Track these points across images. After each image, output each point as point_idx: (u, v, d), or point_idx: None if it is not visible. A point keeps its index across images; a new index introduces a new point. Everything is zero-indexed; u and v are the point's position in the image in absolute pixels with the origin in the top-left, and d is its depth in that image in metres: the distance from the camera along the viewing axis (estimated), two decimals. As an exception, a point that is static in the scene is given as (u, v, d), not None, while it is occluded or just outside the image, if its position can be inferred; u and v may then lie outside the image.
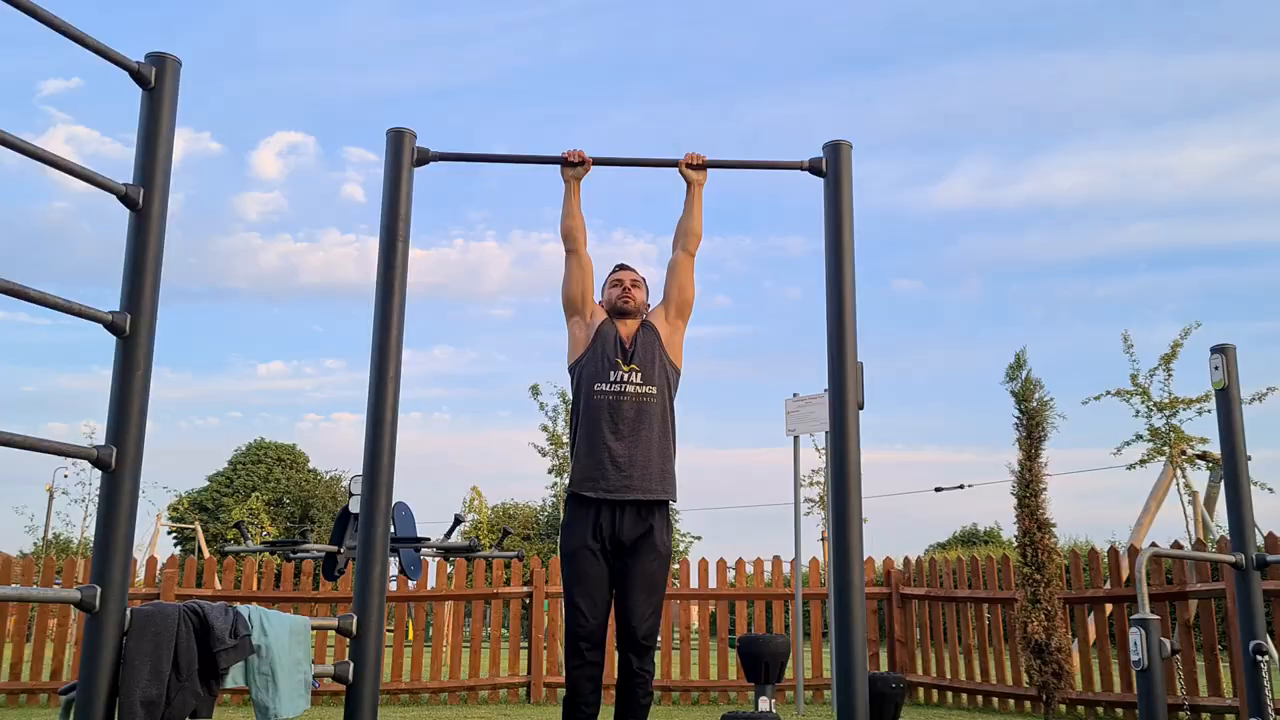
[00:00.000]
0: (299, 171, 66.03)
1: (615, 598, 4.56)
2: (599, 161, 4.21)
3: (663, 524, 4.61)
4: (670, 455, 4.67)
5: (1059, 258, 61.71)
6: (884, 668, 10.06)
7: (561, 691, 9.92)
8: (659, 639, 4.64)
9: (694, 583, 10.34)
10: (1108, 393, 13.07)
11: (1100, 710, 8.17)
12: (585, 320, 4.80)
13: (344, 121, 67.23)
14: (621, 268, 4.99)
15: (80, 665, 2.47)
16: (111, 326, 2.55)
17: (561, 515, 4.76)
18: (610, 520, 4.53)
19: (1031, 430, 8.33)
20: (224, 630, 2.67)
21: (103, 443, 2.53)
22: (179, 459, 64.04)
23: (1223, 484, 4.89)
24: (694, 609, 10.10)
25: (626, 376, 4.62)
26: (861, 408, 3.23)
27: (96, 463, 2.50)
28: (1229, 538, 4.73)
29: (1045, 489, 8.28)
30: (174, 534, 45.48)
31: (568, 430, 4.88)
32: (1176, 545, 8.13)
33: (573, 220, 4.70)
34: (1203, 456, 12.38)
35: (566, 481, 4.76)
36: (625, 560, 4.53)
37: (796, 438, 9.20)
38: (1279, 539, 7.43)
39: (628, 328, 4.78)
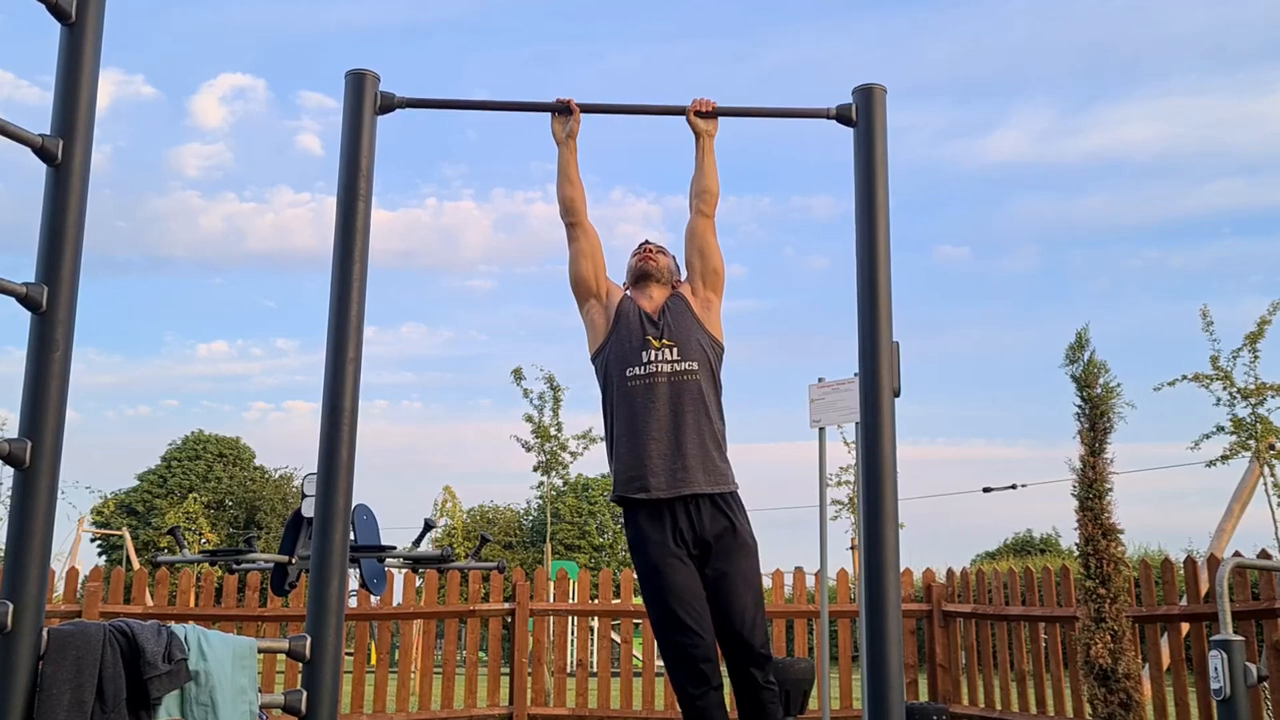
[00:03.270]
0: (246, 120, 65.99)
1: (714, 608, 4.58)
2: (593, 109, 4.20)
3: (742, 515, 4.69)
4: (722, 440, 4.74)
5: (1127, 221, 61.72)
6: (924, 697, 10.09)
7: (549, 724, 10.00)
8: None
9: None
10: (1183, 378, 13.04)
11: (1174, 746, 8.20)
12: (602, 302, 4.83)
13: (299, 62, 67.21)
14: (646, 242, 5.08)
15: (-9, 694, 2.47)
16: (26, 300, 2.55)
17: (626, 530, 4.78)
18: (688, 519, 4.58)
19: (1095, 421, 8.34)
20: (156, 653, 2.67)
21: (15, 435, 2.53)
22: (105, 454, 64.19)
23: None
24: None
25: (660, 354, 4.66)
26: (898, 395, 3.24)
27: (8, 459, 2.51)
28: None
29: (1111, 489, 8.29)
30: (98, 542, 45.59)
31: (604, 429, 4.88)
32: (1264, 554, 8.15)
33: (572, 188, 4.72)
34: (1294, 452, 12.39)
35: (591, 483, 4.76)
36: (715, 564, 4.58)
37: (822, 430, 9.20)
38: (1383, 548, 7.45)
39: (653, 301, 4.82)
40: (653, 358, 4.65)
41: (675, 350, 4.66)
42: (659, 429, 4.59)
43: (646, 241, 5.05)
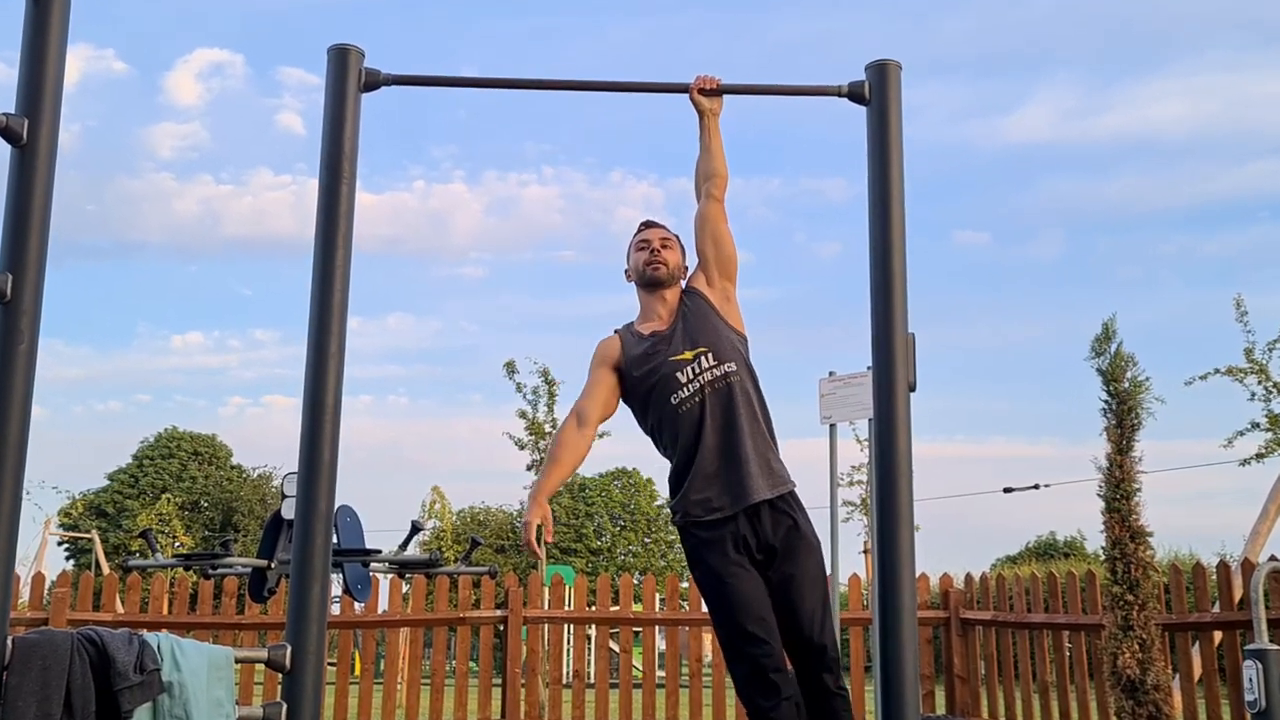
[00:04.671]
0: (223, 98, 65.91)
1: (781, 613, 4.56)
2: (592, 86, 4.19)
3: (803, 513, 4.67)
4: (773, 437, 4.73)
5: (1158, 205, 61.70)
6: (941, 710, 10.10)
7: (544, 738, 10.00)
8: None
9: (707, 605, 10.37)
10: (1216, 371, 13.06)
11: (1206, 762, 8.20)
12: (622, 362, 4.79)
13: (279, 37, 67.11)
14: (648, 225, 4.98)
15: (-47, 706, 2.48)
16: (-12, 290, 2.55)
17: (684, 542, 4.78)
18: (750, 526, 4.56)
19: (1122, 417, 8.34)
20: (127, 663, 2.68)
21: (-22, 433, 2.53)
22: (73, 453, 64.15)
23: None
24: (707, 638, 10.12)
25: (697, 367, 4.64)
26: (913, 389, 3.24)
27: (-29, 458, 2.51)
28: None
29: (1140, 490, 8.29)
30: (66, 545, 45.60)
31: (662, 456, 4.86)
32: (1301, 559, 8.15)
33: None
34: (1335, 450, 12.39)
35: (673, 513, 4.75)
36: (780, 567, 4.56)
37: (833, 426, 9.20)
38: None
39: (667, 304, 4.79)
40: (691, 375, 4.62)
41: (710, 356, 4.63)
42: (717, 445, 4.58)
43: (647, 227, 4.96)
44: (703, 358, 4.62)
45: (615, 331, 4.90)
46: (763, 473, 4.58)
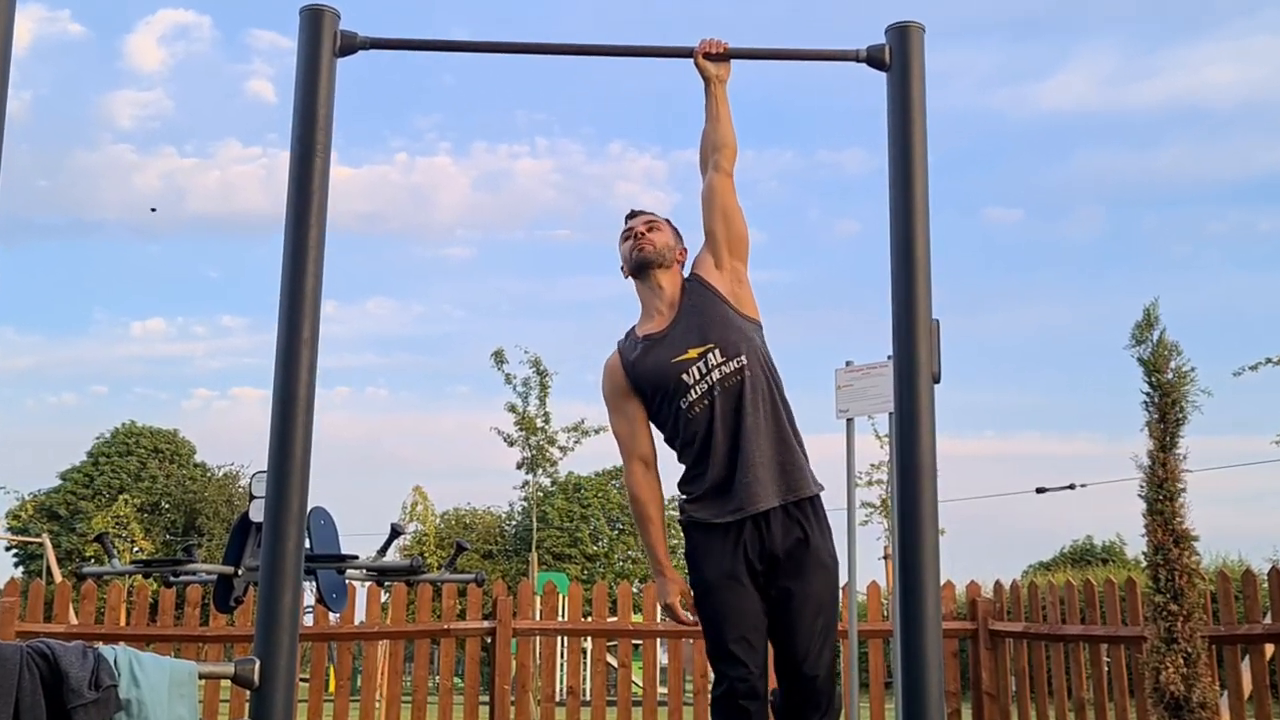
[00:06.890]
0: (189, 62, 65.83)
1: (774, 634, 4.58)
2: (590, 51, 4.19)
3: (818, 525, 4.66)
4: (792, 437, 4.71)
5: (1206, 179, 61.68)
6: (967, 729, 10.10)
7: (535, 760, 10.00)
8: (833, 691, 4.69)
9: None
10: (1268, 360, 13.06)
11: (1256, 786, 8.21)
12: (630, 377, 4.80)
13: (247, -5, 66.93)
14: (631, 215, 5.00)
15: (-108, 725, 2.48)
16: (-70, 272, 2.55)
17: (684, 542, 4.81)
18: (757, 534, 4.56)
19: (1165, 411, 8.33)
20: (81, 679, 2.68)
21: (-81, 428, 2.53)
22: (23, 450, 64.28)
23: None
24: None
25: (704, 366, 4.64)
26: (938, 381, 3.24)
27: (-89, 455, 2.51)
28: None
29: (1184, 490, 8.28)
30: (15, 550, 45.68)
31: (671, 450, 4.88)
32: (1360, 566, 8.15)
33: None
34: (1397, 447, 12.39)
35: (677, 505, 4.77)
36: (780, 582, 4.56)
37: (850, 421, 9.20)
38: None
39: (663, 297, 4.78)
40: (698, 375, 4.62)
41: (719, 352, 4.62)
42: (727, 450, 4.58)
43: (631, 216, 4.98)
44: (710, 354, 4.62)
45: (617, 345, 4.93)
46: (776, 477, 4.57)
